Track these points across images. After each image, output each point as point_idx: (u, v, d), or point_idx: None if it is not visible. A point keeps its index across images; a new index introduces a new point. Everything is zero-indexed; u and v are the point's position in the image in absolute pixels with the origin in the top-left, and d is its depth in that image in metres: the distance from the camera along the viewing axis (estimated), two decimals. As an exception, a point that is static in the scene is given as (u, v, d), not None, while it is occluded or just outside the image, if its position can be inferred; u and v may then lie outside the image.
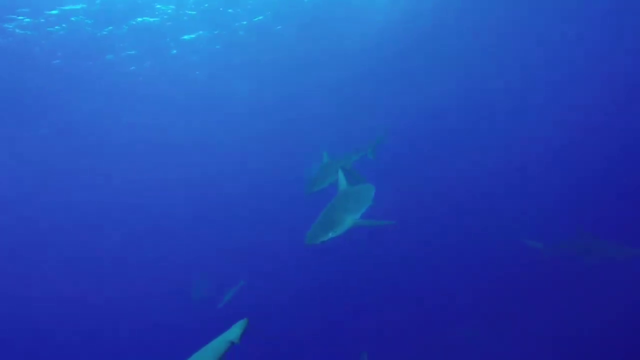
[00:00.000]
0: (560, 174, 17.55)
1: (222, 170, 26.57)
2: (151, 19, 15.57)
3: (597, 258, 9.98)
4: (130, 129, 22.77)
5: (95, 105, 19.88)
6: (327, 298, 14.52)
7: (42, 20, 13.95)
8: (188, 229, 22.50)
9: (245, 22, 17.55)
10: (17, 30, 14.05)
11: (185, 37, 17.43)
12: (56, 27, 14.56)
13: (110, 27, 15.37)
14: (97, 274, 19.94)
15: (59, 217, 24.12)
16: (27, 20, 13.81)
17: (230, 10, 16.48)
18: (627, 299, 10.57)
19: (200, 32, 17.31)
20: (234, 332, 4.11)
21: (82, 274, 20.08)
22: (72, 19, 14.32)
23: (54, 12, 13.76)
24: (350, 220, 6.55)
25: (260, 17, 17.48)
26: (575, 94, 22.59)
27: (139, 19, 15.43)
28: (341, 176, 7.56)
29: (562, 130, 20.27)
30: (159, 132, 24.10)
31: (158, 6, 15.04)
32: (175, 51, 18.25)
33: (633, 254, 9.46)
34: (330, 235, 6.07)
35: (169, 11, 15.36)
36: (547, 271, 12.08)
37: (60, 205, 24.43)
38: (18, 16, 13.46)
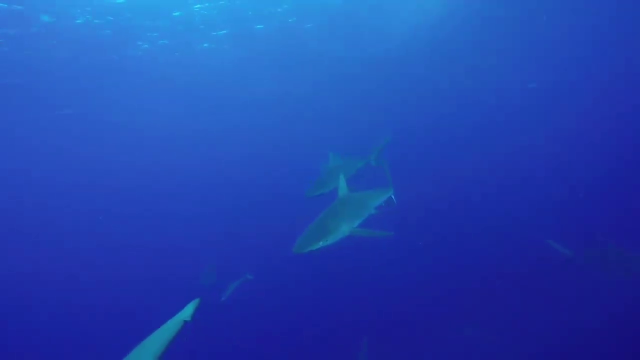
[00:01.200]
0: (581, 177, 17.15)
1: (238, 162, 27.10)
2: (185, 13, 16.02)
3: (626, 272, 9.68)
4: (150, 116, 23.53)
5: (121, 90, 20.75)
6: (330, 290, 14.62)
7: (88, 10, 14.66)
8: (197, 218, 22.94)
9: (277, 23, 17.81)
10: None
11: (217, 32, 17.83)
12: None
13: (146, 19, 15.93)
14: (105, 258, 20.44)
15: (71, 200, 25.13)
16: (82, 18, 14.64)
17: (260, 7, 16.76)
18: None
19: (230, 29, 17.64)
20: (187, 311, 4.42)
21: (90, 256, 20.66)
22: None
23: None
24: (345, 228, 6.31)
25: (293, 19, 17.72)
26: (601, 95, 22.07)
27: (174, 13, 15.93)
28: (342, 182, 7.40)
29: (586, 132, 19.88)
30: (177, 121, 24.78)
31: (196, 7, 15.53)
32: (206, 45, 18.76)
33: None
34: (321, 244, 5.83)
35: (202, 7, 15.78)
36: (552, 270, 11.88)
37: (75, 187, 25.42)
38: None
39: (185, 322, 4.36)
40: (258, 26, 17.87)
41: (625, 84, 22.66)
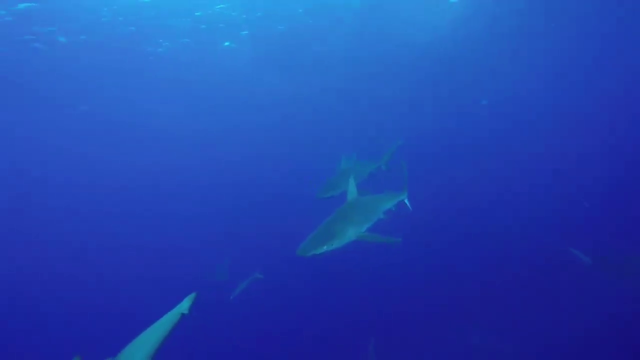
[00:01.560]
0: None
1: (248, 161, 27.55)
2: (207, 13, 16.49)
3: (626, 272, 9.89)
4: (172, 114, 24.23)
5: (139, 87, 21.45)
6: (333, 290, 14.78)
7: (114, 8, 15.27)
8: (204, 215, 23.40)
9: (298, 24, 18.12)
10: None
11: (238, 32, 18.23)
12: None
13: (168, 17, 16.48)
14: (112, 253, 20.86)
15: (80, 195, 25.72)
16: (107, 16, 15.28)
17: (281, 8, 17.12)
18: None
19: (251, 29, 18.04)
20: (184, 305, 4.69)
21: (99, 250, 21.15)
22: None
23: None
24: (352, 233, 6.14)
25: (313, 20, 18.00)
26: (602, 99, 21.94)
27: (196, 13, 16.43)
28: (351, 185, 7.28)
29: (589, 135, 19.87)
30: (199, 120, 25.26)
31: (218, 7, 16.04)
32: (227, 43, 19.23)
33: None
34: (326, 248, 5.66)
35: (224, 7, 16.23)
36: (552, 270, 12.15)
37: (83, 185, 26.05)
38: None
39: (183, 315, 4.58)
40: (280, 27, 18.22)
41: (627, 87, 22.44)
